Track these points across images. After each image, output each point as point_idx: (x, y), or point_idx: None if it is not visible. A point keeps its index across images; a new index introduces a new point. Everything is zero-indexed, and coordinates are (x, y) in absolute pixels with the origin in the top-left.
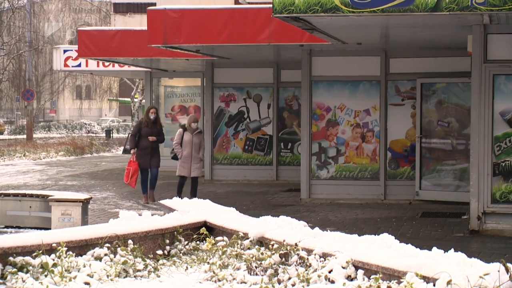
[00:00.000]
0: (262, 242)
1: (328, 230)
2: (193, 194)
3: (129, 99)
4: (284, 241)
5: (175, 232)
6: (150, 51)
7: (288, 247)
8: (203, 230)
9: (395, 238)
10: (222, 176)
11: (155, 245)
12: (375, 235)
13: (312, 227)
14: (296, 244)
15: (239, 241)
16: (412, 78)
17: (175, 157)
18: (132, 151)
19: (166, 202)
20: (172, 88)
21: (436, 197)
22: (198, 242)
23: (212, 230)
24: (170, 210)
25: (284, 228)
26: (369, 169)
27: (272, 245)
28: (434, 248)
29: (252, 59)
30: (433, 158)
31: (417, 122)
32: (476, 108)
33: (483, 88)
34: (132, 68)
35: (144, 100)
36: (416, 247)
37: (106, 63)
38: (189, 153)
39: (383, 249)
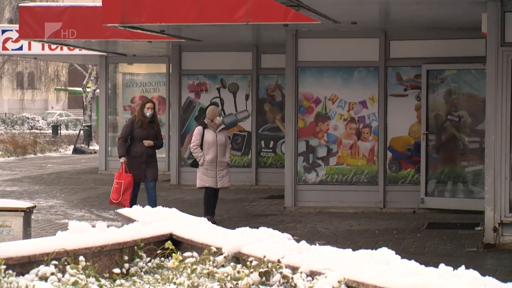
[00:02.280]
0: (238, 258)
1: (317, 244)
2: (209, 209)
3: (80, 89)
4: (264, 257)
5: (136, 247)
6: (105, 31)
7: (270, 264)
8: (168, 244)
9: (396, 254)
10: (191, 180)
11: (111, 262)
12: (372, 249)
13: (298, 241)
14: (278, 261)
15: (212, 258)
16: (416, 64)
17: (194, 164)
18: (121, 160)
19: (124, 211)
20: (132, 76)
21: (445, 205)
22: (162, 258)
23: (180, 244)
24: (129, 220)
25: (264, 242)
26: (365, 171)
27: (251, 262)
28: (442, 265)
29: (227, 42)
30: (442, 159)
31: (422, 116)
32: (492, 99)
33: (500, 76)
34: (84, 52)
35: (98, 90)
36: (421, 264)
37: (53, 46)
38: (214, 157)
39: (382, 266)
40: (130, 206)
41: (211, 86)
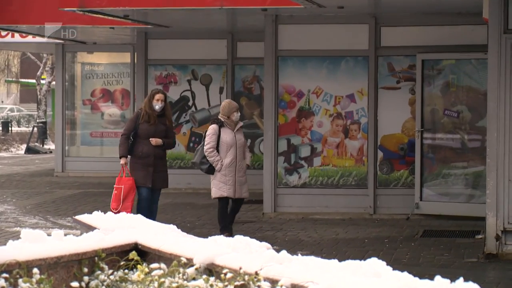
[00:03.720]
0: (211, 270)
1: (300, 254)
2: (231, 219)
3: (34, 81)
4: (240, 268)
5: (96, 258)
6: (62, 16)
7: (246, 277)
8: (133, 254)
9: (387, 265)
10: None
11: (69, 274)
12: (361, 260)
13: (278, 250)
14: (256, 273)
15: (181, 269)
16: (410, 53)
17: (211, 170)
18: (122, 161)
19: (83, 217)
20: (92, 66)
21: (442, 210)
22: (126, 270)
23: (146, 254)
24: (89, 228)
25: (240, 252)
26: (353, 173)
27: (225, 274)
28: (438, 277)
29: (199, 28)
30: (438, 159)
31: (417, 112)
32: (494, 92)
33: (504, 66)
34: (38, 39)
35: (54, 82)
36: (415, 276)
37: (3, 33)
38: (233, 161)
39: (371, 278)
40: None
41: (181, 77)
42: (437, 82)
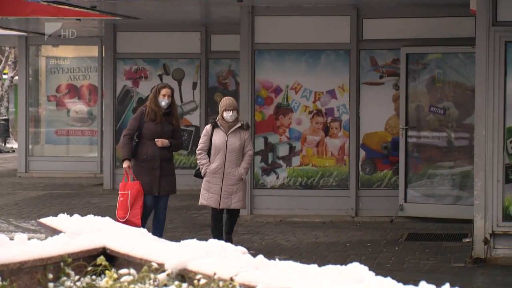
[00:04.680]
0: (184, 276)
1: (277, 259)
2: (228, 234)
3: None
4: (215, 274)
5: (62, 263)
6: (25, 7)
7: (221, 283)
8: (101, 259)
9: (370, 270)
10: None
11: (33, 281)
12: (342, 265)
13: (255, 255)
14: (231, 279)
15: (152, 275)
16: (394, 47)
17: (197, 174)
18: (125, 165)
19: (48, 220)
20: (58, 60)
21: (428, 212)
22: (94, 276)
23: (115, 259)
24: (54, 231)
25: (215, 257)
26: (334, 173)
27: (198, 280)
28: (423, 283)
29: (171, 20)
30: (424, 159)
31: (401, 108)
32: (482, 88)
33: (492, 60)
34: (0, 31)
35: (16, 77)
36: (399, 282)
37: None
38: (219, 167)
39: (353, 284)
40: (143, 225)
41: (152, 72)
42: (422, 77)
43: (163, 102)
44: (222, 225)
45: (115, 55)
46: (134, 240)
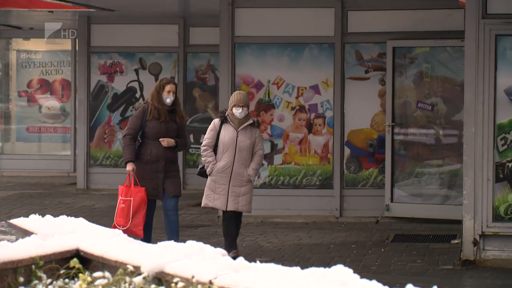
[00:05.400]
0: (161, 279)
1: (258, 261)
2: (232, 241)
3: None
4: (193, 277)
5: (33, 266)
6: None
7: (199, 286)
8: (74, 262)
9: (355, 272)
10: (102, 183)
11: (3, 284)
12: (326, 267)
13: (235, 257)
14: (210, 282)
15: (128, 278)
16: (380, 40)
17: (202, 172)
18: (128, 167)
19: (19, 221)
20: (29, 54)
21: (415, 212)
22: (67, 280)
23: (88, 262)
24: (26, 233)
25: (193, 259)
26: (318, 172)
27: (176, 283)
28: (410, 286)
29: (147, 12)
30: (411, 157)
31: (387, 104)
32: (471, 83)
33: (482, 54)
34: None
35: None
36: (385, 285)
37: None
38: (227, 166)
39: (337, 287)
40: (145, 235)
41: (128, 67)
42: (409, 72)
43: (168, 99)
44: (235, 227)
45: (89, 49)
46: (109, 242)
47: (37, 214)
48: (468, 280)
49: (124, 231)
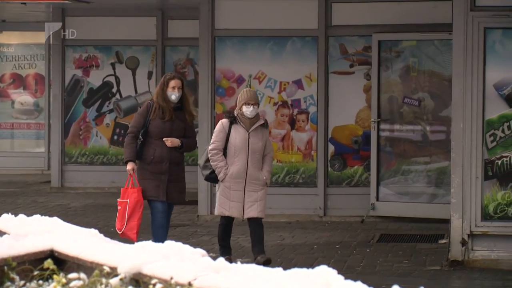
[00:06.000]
0: (138, 280)
1: (239, 262)
2: (258, 249)
3: None
4: (171, 278)
5: (6, 267)
6: None
7: None
8: (48, 263)
9: (339, 273)
10: (78, 181)
11: None
12: (309, 268)
13: (215, 258)
14: (189, 283)
15: (104, 280)
16: (365, 33)
17: (212, 177)
18: (128, 167)
19: None
20: (1, 48)
21: (401, 211)
22: (41, 281)
23: (63, 263)
24: None
25: (172, 260)
26: (301, 170)
27: (154, 285)
28: (396, 287)
29: (124, 4)
30: (397, 154)
31: (372, 100)
32: (459, 77)
33: (470, 48)
34: None
35: None
36: (370, 286)
37: None
38: (241, 170)
39: None
40: (158, 239)
41: (104, 60)
42: (395, 66)
43: (173, 96)
44: (229, 240)
45: (64, 42)
46: (84, 242)
47: (9, 214)
48: (456, 281)
49: (121, 235)
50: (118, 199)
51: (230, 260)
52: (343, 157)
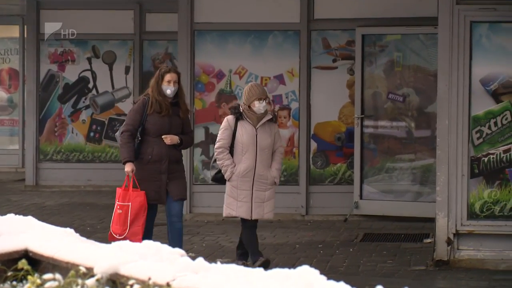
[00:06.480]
0: (115, 281)
1: (219, 262)
2: (257, 247)
3: None
4: (149, 279)
5: None
6: None
7: None
8: (22, 263)
9: (321, 273)
10: (53, 179)
11: None
12: (290, 268)
13: (194, 258)
14: (168, 284)
15: (80, 281)
16: (349, 27)
17: (218, 177)
18: (127, 168)
19: None
20: None
21: (385, 210)
22: (15, 282)
23: (38, 263)
24: None
25: (149, 260)
26: (283, 167)
27: (131, 285)
28: None
29: None
30: (381, 151)
31: (356, 95)
32: (445, 73)
33: (456, 42)
34: None
35: None
36: (353, 287)
37: None
38: (249, 169)
39: None
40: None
41: (80, 55)
42: (379, 61)
43: (169, 90)
44: (254, 240)
45: (39, 36)
46: (60, 242)
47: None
48: (441, 282)
49: (121, 239)
50: (117, 202)
51: (266, 262)
52: (326, 154)
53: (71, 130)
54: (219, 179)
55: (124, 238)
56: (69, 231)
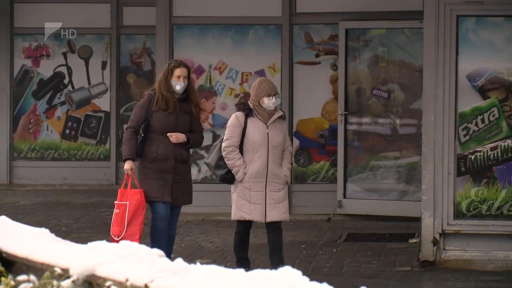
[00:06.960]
0: (92, 283)
1: (199, 263)
2: (277, 258)
3: None
4: (127, 280)
5: None
6: None
7: None
8: None
9: (304, 274)
10: (27, 177)
11: None
12: (272, 269)
13: (173, 259)
14: (146, 286)
15: (55, 282)
16: (332, 21)
17: (228, 178)
18: (126, 166)
19: None
20: None
21: (370, 209)
22: None
23: (12, 264)
24: None
25: (127, 261)
26: None
27: (108, 287)
28: None
29: None
30: (365, 148)
31: (339, 91)
32: (431, 68)
33: (442, 37)
34: None
35: None
36: None
37: None
38: (262, 168)
39: None
40: (157, 246)
41: (55, 50)
42: (363, 56)
43: (178, 86)
44: (247, 246)
45: (12, 30)
46: (34, 243)
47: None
48: (427, 283)
49: (119, 241)
50: (115, 202)
51: (249, 268)
52: (309, 152)
53: (46, 127)
54: (229, 179)
55: (122, 239)
56: (44, 231)
